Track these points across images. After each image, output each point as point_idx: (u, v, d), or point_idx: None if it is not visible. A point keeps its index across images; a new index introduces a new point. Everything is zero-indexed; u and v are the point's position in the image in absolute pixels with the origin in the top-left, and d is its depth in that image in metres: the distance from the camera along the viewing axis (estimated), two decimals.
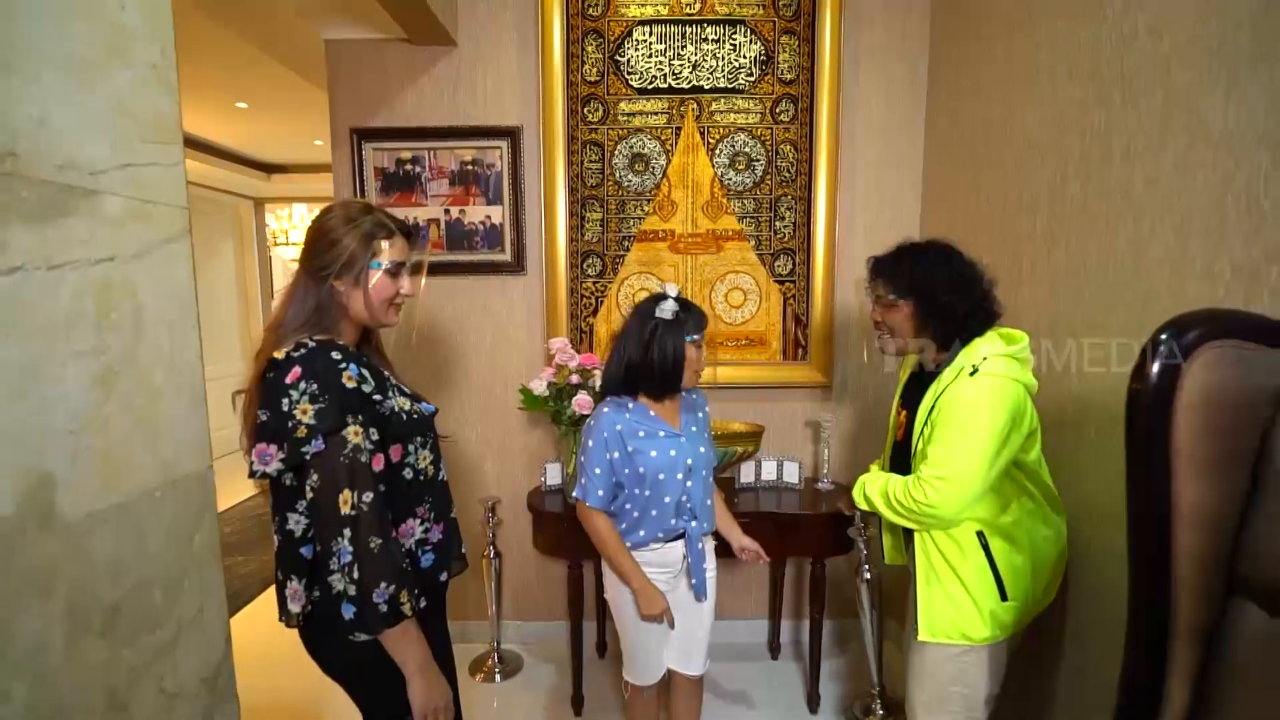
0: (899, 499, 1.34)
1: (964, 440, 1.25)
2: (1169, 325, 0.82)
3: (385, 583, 1.03)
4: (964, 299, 1.34)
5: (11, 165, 0.65)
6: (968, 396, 1.26)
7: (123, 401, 0.80)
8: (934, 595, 1.36)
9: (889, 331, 1.44)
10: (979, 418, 1.25)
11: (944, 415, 1.29)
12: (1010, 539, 1.33)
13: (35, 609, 0.68)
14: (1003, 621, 1.33)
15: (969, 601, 1.33)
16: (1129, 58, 1.33)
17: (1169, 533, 0.81)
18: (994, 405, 1.24)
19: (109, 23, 0.77)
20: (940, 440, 1.28)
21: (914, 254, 1.41)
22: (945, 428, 1.28)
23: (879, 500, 1.41)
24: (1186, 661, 0.83)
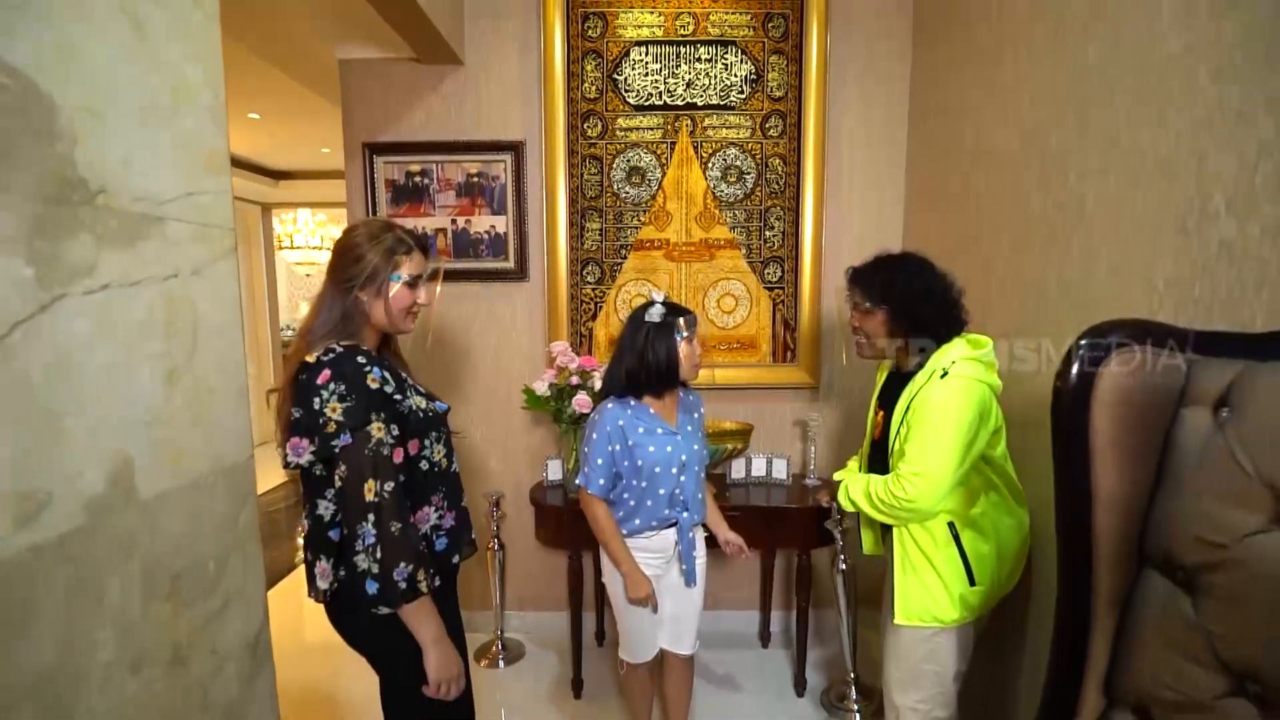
0: (881, 497, 1.44)
1: (936, 439, 1.36)
2: (1089, 332, 0.95)
3: (404, 563, 1.15)
4: (934, 308, 1.45)
5: (103, 200, 0.78)
6: (938, 398, 1.36)
7: (185, 398, 0.92)
8: (909, 583, 1.47)
9: (865, 336, 1.55)
10: (949, 417, 1.35)
11: (918, 416, 1.39)
12: (978, 529, 1.44)
13: (120, 572, 0.81)
14: (970, 604, 1.45)
15: (940, 587, 1.44)
16: (1082, 88, 1.45)
17: (1090, 513, 0.94)
18: (962, 405, 1.35)
19: (175, 74, 0.90)
20: (916, 439, 1.38)
21: (889, 265, 1.52)
22: (920, 427, 1.38)
23: (863, 500, 1.51)
24: (1106, 624, 0.96)
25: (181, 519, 0.92)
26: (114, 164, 0.80)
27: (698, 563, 1.74)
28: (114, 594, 0.79)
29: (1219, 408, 0.84)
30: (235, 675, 1.03)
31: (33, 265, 0.69)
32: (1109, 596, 0.95)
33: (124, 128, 0.81)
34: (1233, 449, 0.80)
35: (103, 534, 0.78)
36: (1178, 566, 0.86)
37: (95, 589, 0.77)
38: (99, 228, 0.77)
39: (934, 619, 1.45)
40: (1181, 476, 0.87)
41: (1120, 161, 1.34)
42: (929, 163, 2.26)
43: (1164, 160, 1.22)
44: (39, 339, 0.70)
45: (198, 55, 0.94)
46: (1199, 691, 0.82)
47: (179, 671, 0.91)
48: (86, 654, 0.76)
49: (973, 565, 1.43)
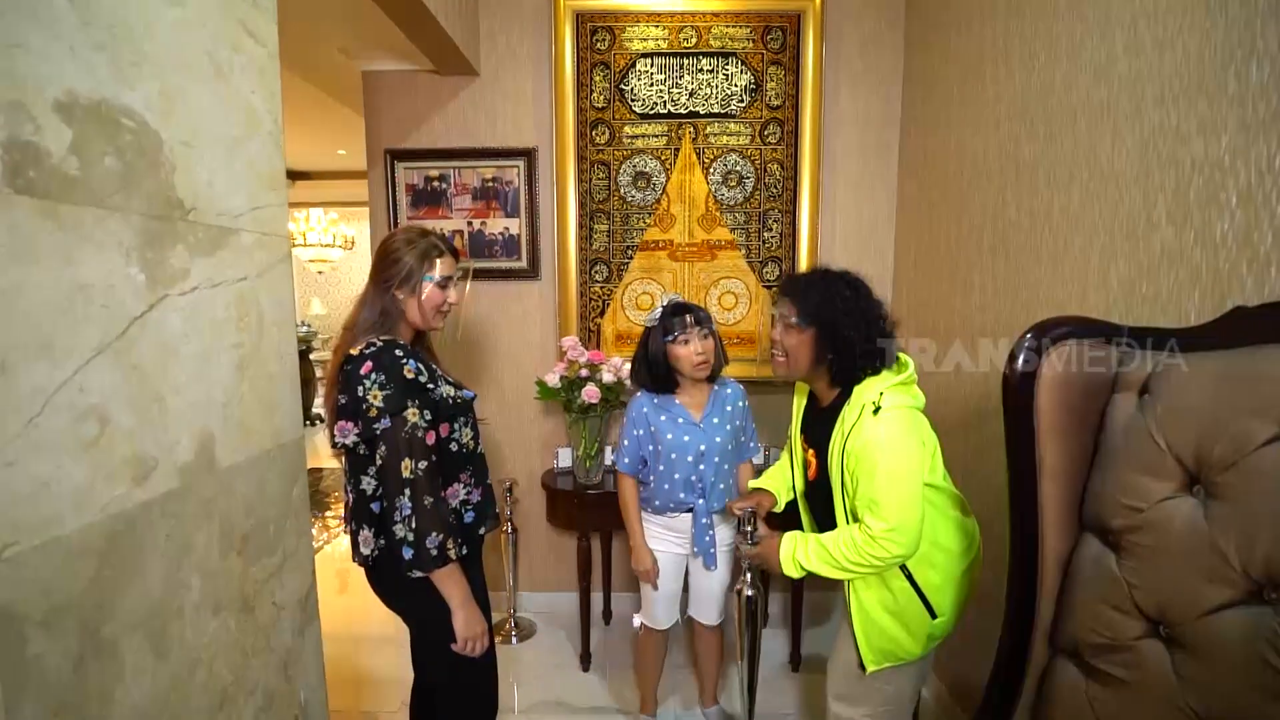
0: (854, 561, 1.30)
1: (896, 487, 1.26)
2: (1035, 327, 1.08)
3: (436, 532, 1.30)
4: (864, 339, 1.34)
5: (194, 216, 0.93)
6: (879, 438, 1.27)
7: (252, 384, 1.08)
8: (871, 631, 1.38)
9: (784, 353, 1.42)
10: (898, 457, 1.27)
11: (864, 463, 1.28)
12: (924, 560, 1.35)
13: (204, 529, 0.96)
14: (935, 636, 1.39)
15: (902, 629, 1.37)
16: (1049, 103, 1.59)
17: (1035, 484, 1.08)
18: (906, 440, 1.28)
19: (245, 106, 1.05)
20: (877, 491, 1.27)
21: (826, 282, 1.39)
22: (872, 478, 1.27)
23: (824, 567, 1.36)
24: (1052, 584, 1.09)
25: (249, 486, 1.07)
26: (201, 185, 0.95)
27: (721, 547, 1.88)
28: (200, 546, 0.95)
29: (1142, 393, 0.98)
30: (290, 626, 1.19)
31: (144, 272, 0.84)
32: (1054, 559, 1.08)
33: (209, 155, 0.96)
34: (1150, 428, 0.94)
35: (192, 496, 0.93)
36: (1107, 529, 0.99)
37: (186, 542, 0.92)
38: (190, 239, 0.93)
39: (900, 659, 1.39)
40: (1112, 452, 1.01)
41: (1081, 173, 1.47)
42: (918, 169, 2.39)
43: (1117, 173, 1.35)
44: (148, 333, 0.85)
45: (263, 88, 1.09)
46: (1121, 635, 0.95)
47: (247, 617, 1.06)
48: (181, 594, 0.91)
49: (930, 598, 1.35)
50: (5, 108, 0.67)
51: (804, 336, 1.39)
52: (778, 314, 1.44)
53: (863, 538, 1.29)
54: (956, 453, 2.06)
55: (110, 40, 0.79)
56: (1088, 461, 1.05)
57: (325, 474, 4.98)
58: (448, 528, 1.32)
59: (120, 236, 0.80)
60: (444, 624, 1.37)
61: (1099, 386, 1.05)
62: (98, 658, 0.78)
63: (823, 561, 1.36)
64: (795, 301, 1.39)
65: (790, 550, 1.41)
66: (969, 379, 1.99)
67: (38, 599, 0.70)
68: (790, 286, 1.43)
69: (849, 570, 1.33)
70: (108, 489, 0.79)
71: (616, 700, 2.26)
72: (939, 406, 2.14)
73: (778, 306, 1.44)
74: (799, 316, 1.38)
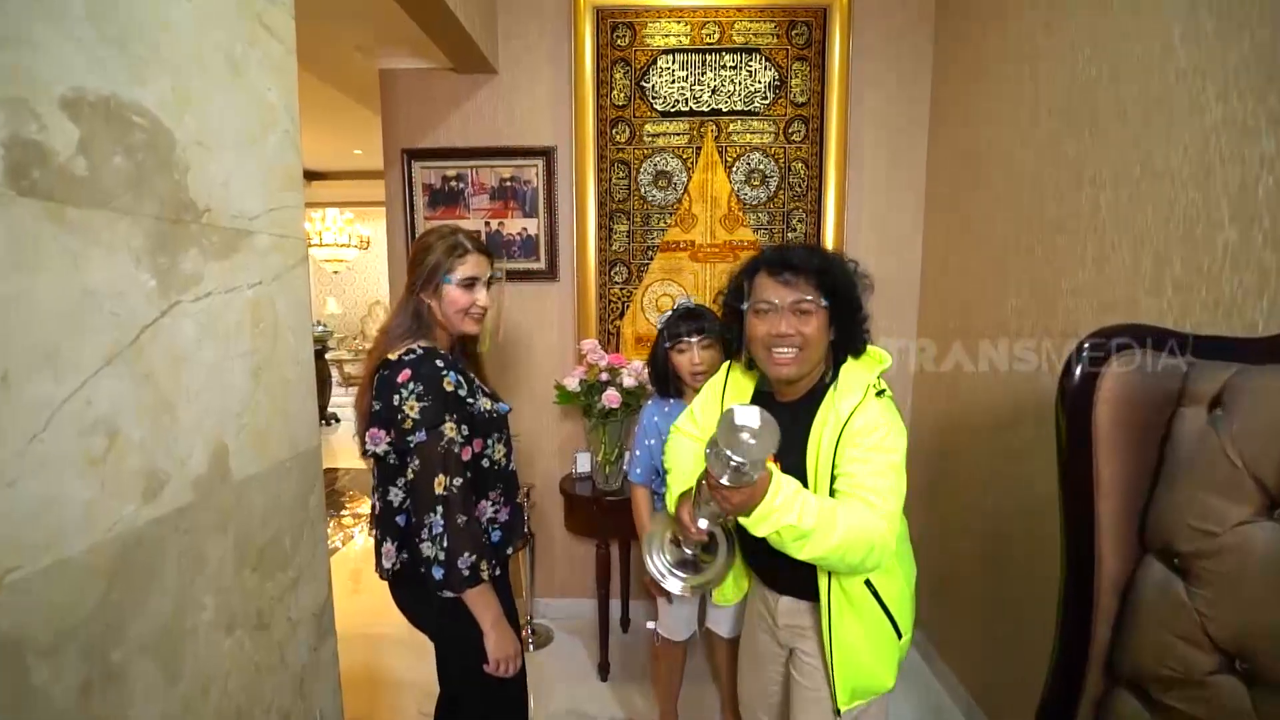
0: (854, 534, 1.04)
1: (896, 475, 1.10)
2: (1093, 334, 1.02)
3: (469, 552, 1.24)
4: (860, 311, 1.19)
5: (208, 219, 0.89)
6: (888, 423, 1.12)
7: (267, 391, 1.04)
8: (848, 667, 1.21)
9: (798, 346, 1.15)
10: (900, 448, 1.12)
11: (870, 446, 1.10)
12: (885, 571, 1.20)
13: (218, 543, 0.92)
14: (902, 657, 1.27)
15: (876, 659, 1.22)
16: (1095, 99, 1.51)
17: (1092, 502, 1.01)
18: (902, 432, 1.15)
19: (261, 104, 1.01)
20: (878, 476, 1.09)
21: (833, 255, 1.22)
22: (874, 459, 1.09)
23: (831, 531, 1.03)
24: (1109, 609, 1.02)
25: (265, 498, 1.03)
26: (216, 187, 0.91)
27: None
28: (213, 563, 0.91)
29: (1213, 407, 0.91)
30: (305, 641, 1.15)
31: (155, 277, 0.80)
32: (1111, 582, 1.01)
33: (223, 155, 0.92)
34: (1224, 445, 0.87)
35: (205, 510, 0.89)
36: (1174, 553, 0.92)
37: (200, 558, 0.88)
38: (204, 242, 0.89)
39: (874, 692, 1.25)
40: (1178, 470, 0.94)
41: (1131, 171, 1.39)
42: (948, 168, 2.31)
43: (1172, 171, 1.28)
44: (160, 341, 0.81)
45: (280, 85, 1.05)
46: (1192, 669, 0.89)
47: (262, 634, 1.02)
48: (194, 613, 0.87)
49: (895, 616, 1.21)
50: (7, 104, 0.63)
51: (822, 318, 1.15)
52: (784, 301, 1.14)
53: (868, 511, 1.06)
54: (983, 455, 1.99)
55: (120, 35, 0.75)
56: (1150, 479, 0.98)
57: (340, 474, 4.98)
58: (481, 547, 1.27)
59: (130, 240, 0.76)
60: (475, 644, 1.31)
61: (1164, 398, 0.98)
62: (106, 684, 0.74)
63: (820, 521, 1.02)
64: (817, 275, 1.14)
65: (790, 496, 1.02)
66: (1001, 381, 1.91)
67: (42, 626, 0.66)
68: (805, 259, 1.15)
69: (837, 546, 1.03)
70: (117, 506, 0.75)
71: (635, 712, 2.21)
72: (966, 406, 2.07)
73: (789, 289, 1.14)
74: (822, 292, 1.14)
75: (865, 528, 1.05)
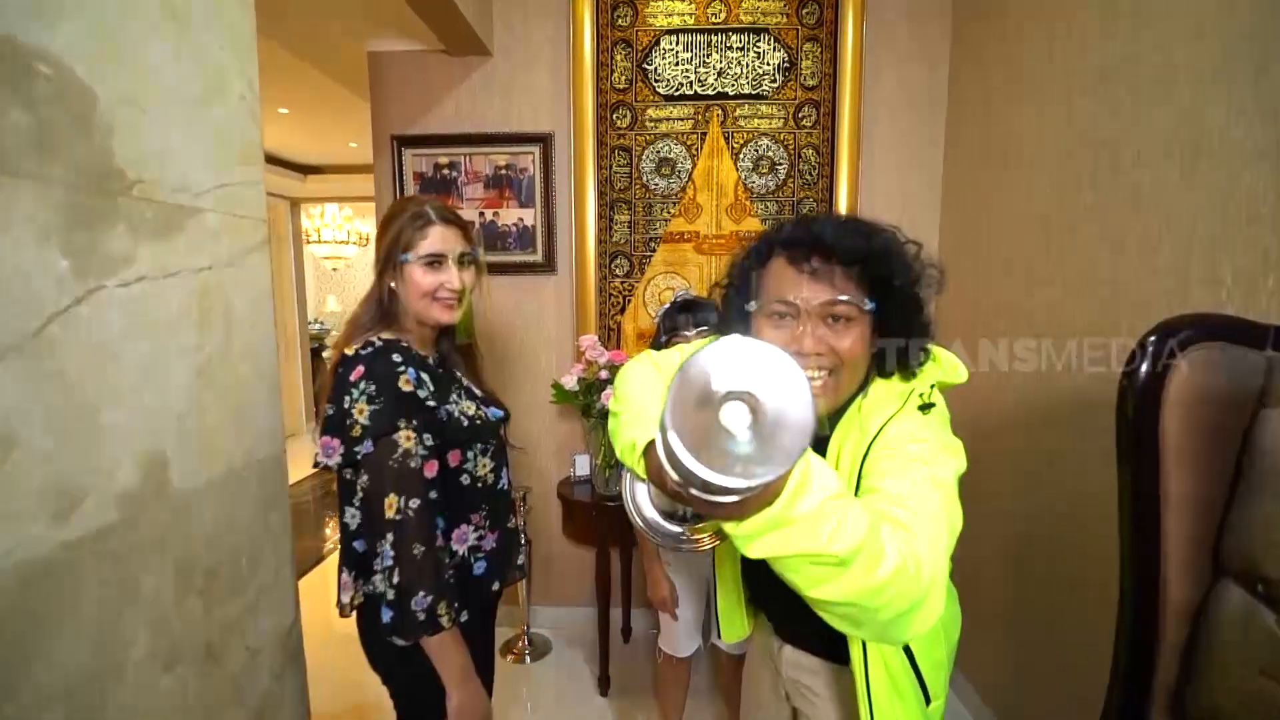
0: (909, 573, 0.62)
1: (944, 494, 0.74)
2: (1160, 327, 0.89)
3: (424, 591, 1.02)
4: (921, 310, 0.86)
5: (140, 191, 0.77)
6: (933, 439, 0.80)
7: (217, 391, 0.91)
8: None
9: (832, 368, 0.82)
10: (947, 464, 0.78)
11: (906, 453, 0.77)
12: (929, 635, 0.91)
13: (153, 568, 0.80)
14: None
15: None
16: (1138, 72, 1.38)
17: (1157, 518, 0.88)
18: (956, 462, 0.80)
19: (210, 64, 0.88)
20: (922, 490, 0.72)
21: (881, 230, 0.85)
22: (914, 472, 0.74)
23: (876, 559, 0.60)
24: (1175, 639, 0.90)
25: (215, 513, 0.91)
26: (150, 155, 0.78)
27: None
28: (148, 590, 0.79)
29: None
30: (268, 671, 1.03)
31: (69, 257, 0.68)
32: (1179, 608, 0.89)
33: (160, 118, 0.80)
34: None
35: (137, 530, 0.77)
36: (1259, 578, 0.80)
37: (129, 586, 0.76)
38: (135, 219, 0.76)
39: None
40: (1264, 480, 0.81)
41: (1183, 149, 1.26)
42: (968, 154, 2.18)
43: (1233, 145, 1.15)
44: (75, 332, 0.69)
45: (233, 45, 0.93)
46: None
47: (212, 667, 0.90)
48: (120, 651, 0.75)
49: (928, 681, 0.91)
50: None
51: (866, 327, 0.83)
52: (810, 303, 0.80)
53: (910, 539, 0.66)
54: (1010, 460, 1.86)
55: None
56: (1227, 491, 0.86)
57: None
58: (441, 585, 1.05)
59: (35, 212, 0.64)
60: (435, 700, 1.08)
61: (1243, 400, 0.85)
62: None
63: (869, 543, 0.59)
64: (855, 266, 0.80)
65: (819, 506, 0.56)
66: (1024, 382, 1.78)
67: None
68: (843, 237, 0.81)
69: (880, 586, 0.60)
70: (14, 530, 0.63)
71: None
72: (988, 408, 1.94)
73: (822, 284, 0.80)
74: (870, 294, 0.81)
75: (918, 562, 0.64)
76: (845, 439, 0.85)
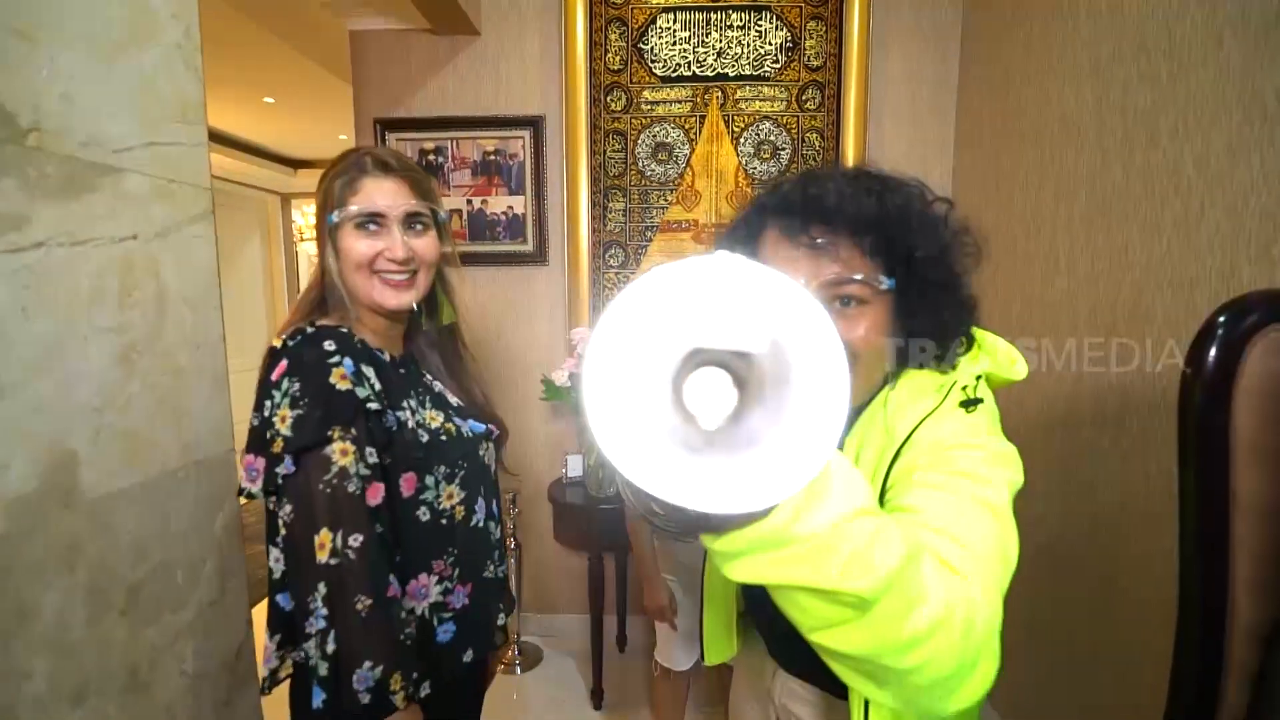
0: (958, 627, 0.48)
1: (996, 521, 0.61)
2: (1228, 307, 0.77)
3: (370, 661, 0.76)
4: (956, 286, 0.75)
5: (36, 140, 0.65)
6: (974, 439, 0.66)
7: (145, 380, 0.80)
8: None
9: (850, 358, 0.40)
10: (999, 480, 0.64)
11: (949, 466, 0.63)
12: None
13: (57, 585, 0.68)
14: None
15: None
16: (1178, 31, 1.27)
17: (1226, 525, 0.77)
18: (1011, 462, 0.68)
19: (134, 3, 0.76)
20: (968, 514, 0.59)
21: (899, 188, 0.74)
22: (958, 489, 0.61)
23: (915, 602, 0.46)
24: (1244, 661, 0.79)
25: (141, 520, 0.79)
26: (51, 100, 0.67)
27: None
28: (49, 612, 0.67)
29: None
30: (210, 696, 0.91)
31: None
32: (1250, 629, 0.77)
33: (65, 57, 0.68)
34: None
35: (33, 541, 0.65)
36: None
37: (22, 608, 0.64)
38: (30, 172, 0.64)
39: None
40: None
41: (1230, 114, 1.15)
42: (981, 133, 2.07)
43: None
44: None
45: None
46: None
47: (138, 698, 0.78)
48: (10, 686, 0.63)
49: None
50: None
51: (884, 309, 0.70)
52: (811, 281, 0.67)
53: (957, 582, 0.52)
54: (1037, 461, 1.75)
55: None
56: None
57: None
58: (393, 652, 0.77)
59: None
60: None
61: None
62: None
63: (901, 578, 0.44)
64: (866, 234, 0.68)
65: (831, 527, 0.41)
66: (1053, 379, 1.67)
67: None
68: (847, 201, 0.68)
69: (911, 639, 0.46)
70: None
71: None
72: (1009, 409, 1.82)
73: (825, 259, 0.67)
74: (887, 271, 0.69)
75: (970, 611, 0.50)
76: (865, 442, 0.70)
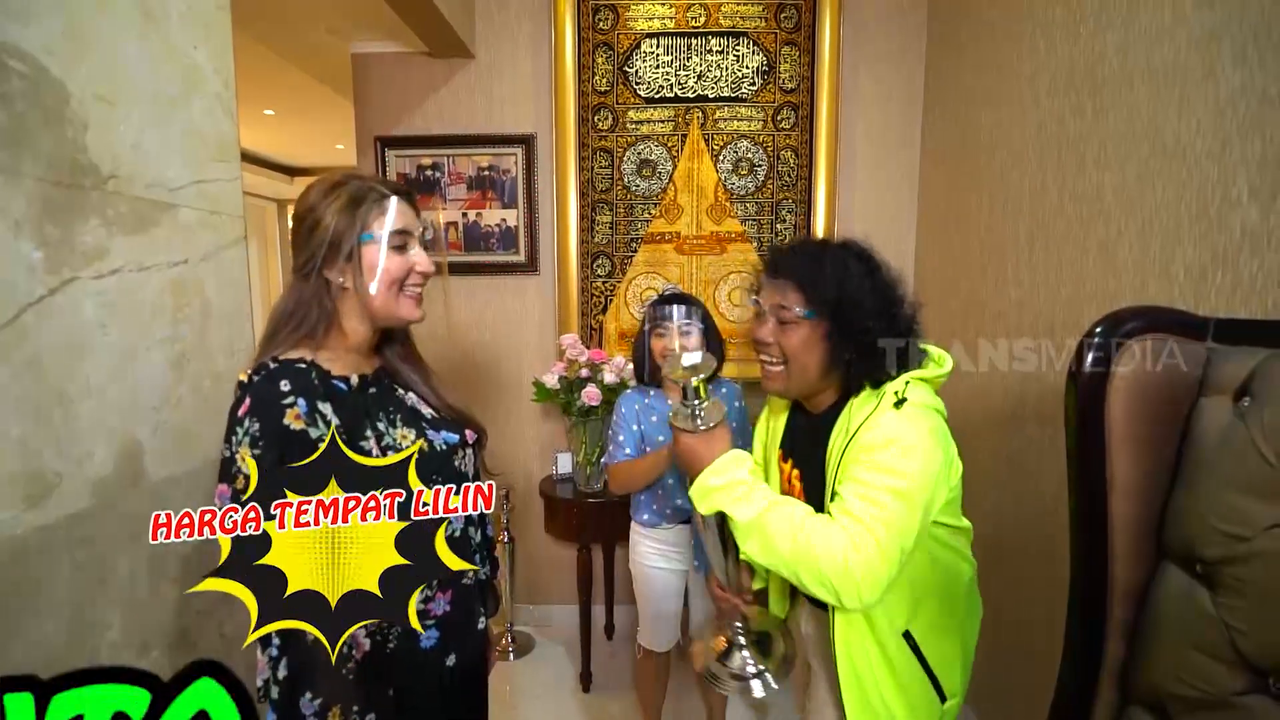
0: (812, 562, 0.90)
1: (897, 503, 0.90)
2: (1105, 320, 0.93)
3: (311, 692, 0.77)
4: (889, 327, 1.00)
5: (114, 185, 0.79)
6: (897, 435, 0.93)
7: (192, 383, 0.93)
8: (864, 713, 1.04)
9: (782, 359, 1.03)
10: (907, 470, 0.91)
11: (866, 463, 0.93)
12: (937, 628, 1.05)
13: (128, 553, 0.81)
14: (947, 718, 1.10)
15: (907, 713, 1.04)
16: (1099, 74, 1.42)
17: (1105, 503, 0.92)
18: (930, 452, 0.93)
19: (185, 62, 0.90)
20: (872, 499, 0.91)
21: (836, 255, 1.02)
22: (871, 481, 0.91)
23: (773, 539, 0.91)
24: (1122, 619, 0.93)
25: (190, 502, 0.92)
26: (125, 150, 0.80)
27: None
28: (122, 575, 0.80)
29: (1240, 397, 0.82)
30: (241, 661, 1.04)
31: (42, 249, 0.70)
32: (1125, 589, 0.92)
33: (135, 114, 0.82)
34: (1254, 439, 0.78)
35: (111, 516, 0.79)
36: (1196, 559, 0.83)
37: (103, 570, 0.78)
38: (109, 213, 0.78)
39: None
40: (1200, 467, 0.85)
41: (1139, 149, 1.31)
42: (944, 154, 2.23)
43: (1184, 146, 1.19)
44: (50, 322, 0.70)
45: (208, 43, 0.95)
46: (1218, 688, 0.79)
47: (187, 654, 0.92)
48: (95, 634, 0.76)
49: (940, 677, 1.04)
50: None
51: (814, 333, 1.00)
52: (766, 304, 1.04)
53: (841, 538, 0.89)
54: (984, 458, 1.91)
55: None
56: (1168, 477, 0.89)
57: None
58: (339, 685, 0.80)
59: (8, 204, 0.66)
60: None
61: (1183, 389, 0.89)
62: None
63: (761, 524, 0.92)
64: (801, 284, 1.00)
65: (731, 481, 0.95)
66: (999, 380, 1.82)
67: None
68: (791, 264, 1.03)
69: (787, 561, 0.91)
70: None
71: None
72: (965, 409, 1.98)
73: (765, 294, 1.04)
74: (807, 305, 0.99)
75: (825, 557, 0.89)
76: (839, 434, 1.01)
